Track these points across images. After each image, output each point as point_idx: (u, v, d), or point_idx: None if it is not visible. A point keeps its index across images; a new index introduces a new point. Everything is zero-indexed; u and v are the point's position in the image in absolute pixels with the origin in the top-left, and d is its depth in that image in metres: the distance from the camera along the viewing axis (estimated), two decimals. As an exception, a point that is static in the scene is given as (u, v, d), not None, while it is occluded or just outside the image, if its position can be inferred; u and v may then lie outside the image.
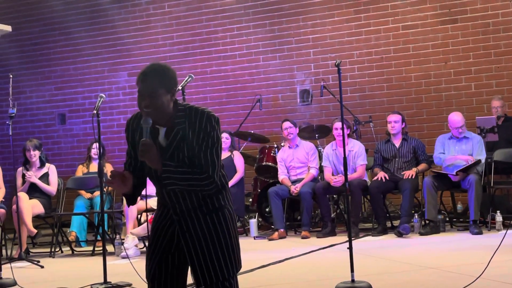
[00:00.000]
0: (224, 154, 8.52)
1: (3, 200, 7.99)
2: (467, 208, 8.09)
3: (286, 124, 8.57)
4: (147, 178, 3.20)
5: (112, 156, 10.37)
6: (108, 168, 8.81)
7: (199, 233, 3.07)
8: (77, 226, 8.56)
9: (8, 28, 9.21)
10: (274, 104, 10.47)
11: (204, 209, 3.10)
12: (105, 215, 7.90)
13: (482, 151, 7.93)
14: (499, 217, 7.59)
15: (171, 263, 3.15)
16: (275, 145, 8.99)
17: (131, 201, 3.21)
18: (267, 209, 8.89)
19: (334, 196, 8.67)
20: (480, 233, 7.48)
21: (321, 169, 8.58)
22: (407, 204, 7.89)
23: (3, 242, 7.46)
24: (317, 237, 7.96)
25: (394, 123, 8.31)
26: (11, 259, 7.06)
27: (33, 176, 8.13)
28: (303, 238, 8.00)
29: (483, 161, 7.88)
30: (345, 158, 5.30)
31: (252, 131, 9.70)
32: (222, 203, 3.13)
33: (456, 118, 8.05)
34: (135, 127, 3.16)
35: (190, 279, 3.27)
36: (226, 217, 3.12)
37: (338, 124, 8.17)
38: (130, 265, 5.46)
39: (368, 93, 10.08)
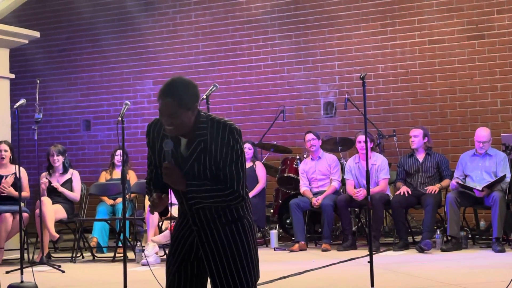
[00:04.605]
0: (246, 164, 8.51)
1: (24, 203, 8.06)
2: (490, 225, 8.01)
3: (309, 136, 8.57)
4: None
5: (136, 163, 10.42)
6: (131, 175, 8.86)
7: (218, 243, 3.07)
8: (98, 232, 8.61)
9: (36, 34, 9.35)
10: (297, 115, 10.46)
11: (223, 219, 3.10)
12: (127, 222, 7.93)
13: (507, 168, 7.85)
14: (522, 236, 7.53)
15: (190, 271, 3.15)
16: (298, 157, 8.98)
17: (164, 214, 3.23)
18: (288, 221, 8.88)
19: (356, 209, 8.64)
20: (502, 251, 7.40)
21: (343, 182, 8.55)
22: (429, 220, 7.83)
23: (25, 246, 7.51)
24: (338, 250, 7.93)
25: (414, 137, 8.28)
26: (32, 263, 7.11)
27: (59, 185, 8.19)
28: (323, 250, 7.98)
29: (508, 178, 7.80)
30: (367, 172, 5.29)
31: (275, 142, 9.69)
32: (242, 213, 3.12)
33: (482, 132, 7.98)
34: (156, 135, 3.16)
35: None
36: (245, 227, 3.11)
37: (361, 137, 8.15)
38: (150, 272, 5.48)
39: (392, 107, 10.03)
